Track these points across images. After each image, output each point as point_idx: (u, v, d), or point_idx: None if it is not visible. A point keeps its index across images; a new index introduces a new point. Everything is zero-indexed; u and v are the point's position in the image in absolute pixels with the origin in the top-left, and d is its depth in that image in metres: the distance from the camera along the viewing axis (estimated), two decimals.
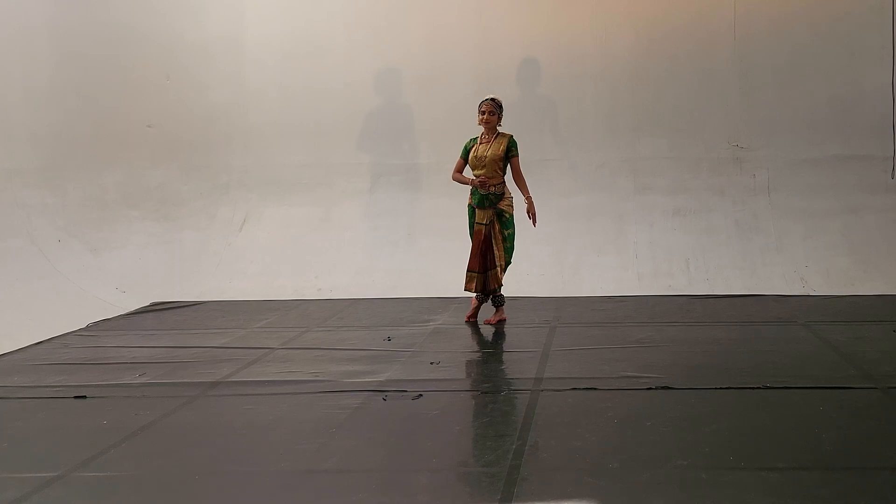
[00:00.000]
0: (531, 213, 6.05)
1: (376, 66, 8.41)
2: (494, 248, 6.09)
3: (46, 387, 4.89)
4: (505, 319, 6.24)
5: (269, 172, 8.51)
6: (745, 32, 8.09)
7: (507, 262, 6.19)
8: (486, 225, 6.08)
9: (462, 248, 8.14)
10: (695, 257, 7.74)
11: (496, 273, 6.12)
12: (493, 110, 6.03)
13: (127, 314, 7.05)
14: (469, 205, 6.19)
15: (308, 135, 8.47)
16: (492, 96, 6.12)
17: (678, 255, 7.78)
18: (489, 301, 6.31)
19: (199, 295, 7.60)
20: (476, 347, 5.62)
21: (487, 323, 6.20)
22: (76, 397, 4.65)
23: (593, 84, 8.28)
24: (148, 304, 7.38)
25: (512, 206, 6.15)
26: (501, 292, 6.26)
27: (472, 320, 6.31)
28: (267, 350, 5.64)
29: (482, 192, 6.02)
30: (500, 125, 6.11)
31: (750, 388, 4.46)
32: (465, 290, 6.24)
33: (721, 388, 4.47)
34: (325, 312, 6.88)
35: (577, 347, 5.46)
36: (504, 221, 6.11)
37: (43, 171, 8.20)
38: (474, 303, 6.34)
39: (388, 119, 8.46)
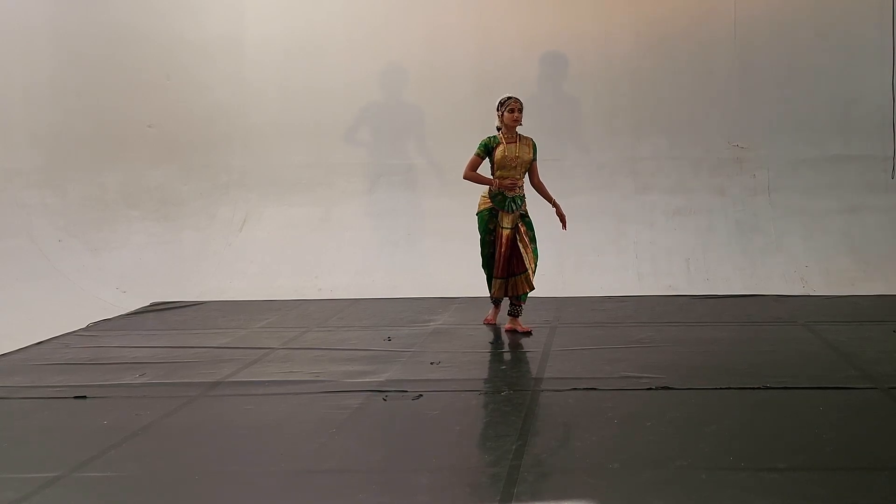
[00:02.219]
0: (563, 216, 5.85)
1: (376, 66, 8.40)
2: (522, 251, 5.75)
3: (46, 387, 4.89)
4: (520, 330, 5.92)
5: (269, 172, 8.51)
6: (745, 32, 8.09)
7: (536, 263, 5.92)
8: (511, 229, 5.75)
9: (462, 249, 8.13)
10: (695, 257, 7.74)
11: (526, 276, 5.78)
12: (521, 108, 5.76)
13: (127, 314, 7.05)
14: (485, 209, 5.79)
15: (308, 135, 8.47)
16: (515, 95, 5.85)
17: (678, 255, 7.78)
18: (498, 305, 6.14)
19: (200, 295, 7.60)
20: (476, 347, 5.62)
21: (508, 330, 5.92)
22: (76, 397, 4.65)
23: (593, 84, 8.28)
24: (148, 304, 7.38)
25: (526, 207, 5.90)
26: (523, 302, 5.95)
27: (494, 323, 6.16)
28: (267, 350, 5.64)
29: (509, 195, 5.70)
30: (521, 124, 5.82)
31: (750, 388, 4.46)
32: (495, 297, 5.96)
33: (721, 388, 4.48)
34: (326, 312, 6.88)
35: (577, 347, 5.46)
36: (528, 222, 5.84)
37: (43, 171, 8.20)
38: (497, 312, 6.16)
39: (389, 119, 8.46)
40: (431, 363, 5.16)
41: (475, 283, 7.48)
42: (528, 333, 5.84)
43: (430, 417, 4.16)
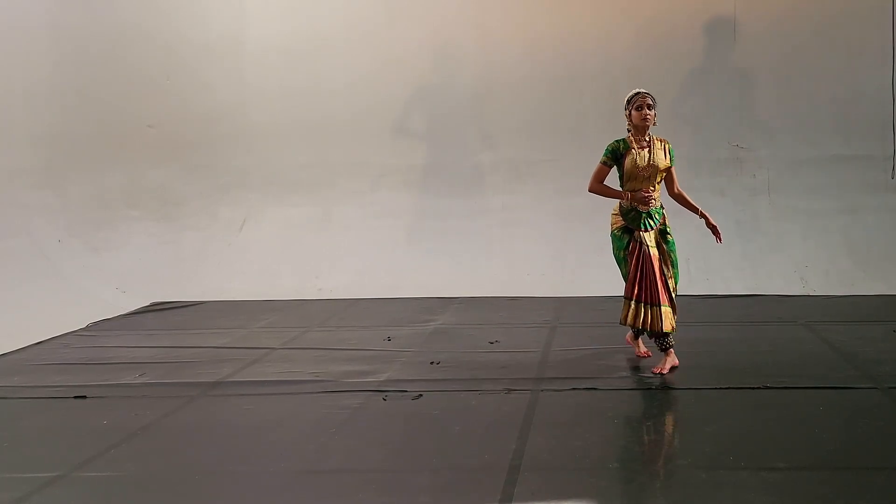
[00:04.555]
0: (715, 226, 4.91)
1: (377, 66, 8.41)
2: (667, 276, 4.84)
3: (46, 387, 4.89)
4: (678, 365, 4.89)
5: (270, 172, 8.51)
6: (745, 32, 8.10)
7: (676, 287, 4.96)
8: (656, 248, 4.84)
9: (462, 248, 8.16)
10: (695, 257, 7.72)
11: (661, 311, 4.75)
12: (653, 105, 4.82)
13: (127, 314, 7.05)
14: (618, 227, 4.90)
15: (309, 134, 8.47)
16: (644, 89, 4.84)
17: (678, 255, 7.76)
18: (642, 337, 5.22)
19: (200, 295, 7.60)
20: (476, 347, 5.62)
21: (659, 373, 4.79)
22: (76, 397, 4.66)
23: (593, 84, 8.28)
24: (148, 304, 7.38)
25: (667, 217, 4.96)
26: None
27: (646, 355, 5.15)
28: (267, 350, 5.64)
29: (644, 210, 4.79)
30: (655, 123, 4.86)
31: (750, 388, 4.46)
32: (628, 324, 4.87)
33: (721, 388, 4.48)
34: (326, 312, 6.88)
35: (577, 347, 5.46)
36: (669, 241, 4.89)
37: (44, 171, 8.20)
38: (636, 339, 5.22)
39: (389, 119, 8.46)
40: (431, 363, 5.17)
41: (475, 283, 7.52)
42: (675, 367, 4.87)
43: (430, 417, 4.17)
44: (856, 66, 7.99)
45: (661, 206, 4.90)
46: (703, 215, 4.90)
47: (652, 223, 4.84)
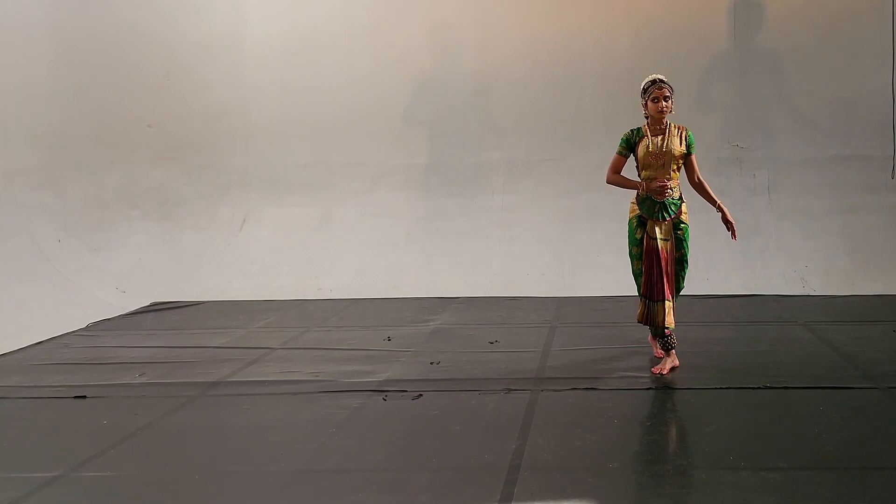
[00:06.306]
0: (731, 222, 4.85)
1: (376, 65, 8.40)
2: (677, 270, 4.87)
3: (46, 387, 4.89)
4: (678, 366, 4.86)
5: (270, 172, 8.50)
6: (744, 32, 8.09)
7: (679, 290, 4.95)
8: (668, 240, 4.81)
9: (462, 248, 8.16)
10: (695, 257, 7.71)
11: (664, 307, 4.79)
12: (669, 95, 4.67)
13: (127, 314, 7.05)
14: (633, 216, 4.88)
15: (308, 134, 8.47)
16: (661, 76, 4.73)
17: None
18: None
19: (199, 295, 7.60)
20: (476, 347, 5.62)
21: (659, 373, 4.76)
22: (76, 397, 4.65)
23: (593, 84, 8.27)
24: (148, 304, 7.38)
25: (687, 215, 4.87)
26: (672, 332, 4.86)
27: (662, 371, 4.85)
28: (267, 350, 5.64)
29: (659, 199, 4.75)
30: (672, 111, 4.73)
31: (750, 388, 4.46)
32: (638, 321, 4.99)
33: (721, 388, 4.48)
34: (325, 312, 6.88)
35: (577, 347, 5.46)
36: (679, 237, 4.84)
37: (43, 171, 8.20)
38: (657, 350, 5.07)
39: (389, 118, 8.45)
40: (431, 363, 5.17)
41: (475, 283, 7.52)
42: (675, 368, 4.84)
43: (430, 417, 4.16)
44: (856, 66, 7.98)
45: (681, 198, 4.83)
46: (720, 208, 4.85)
47: (666, 214, 4.78)
